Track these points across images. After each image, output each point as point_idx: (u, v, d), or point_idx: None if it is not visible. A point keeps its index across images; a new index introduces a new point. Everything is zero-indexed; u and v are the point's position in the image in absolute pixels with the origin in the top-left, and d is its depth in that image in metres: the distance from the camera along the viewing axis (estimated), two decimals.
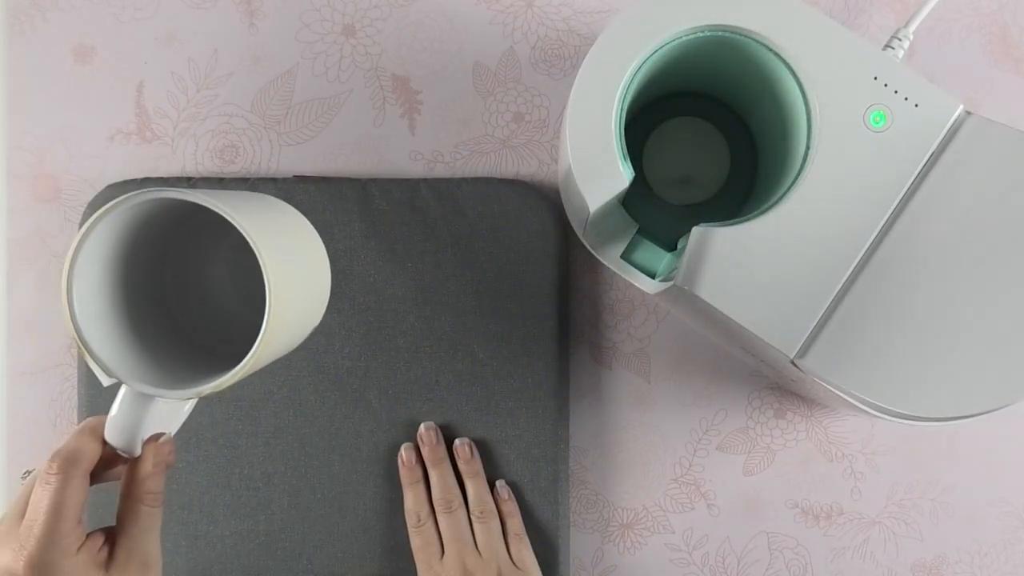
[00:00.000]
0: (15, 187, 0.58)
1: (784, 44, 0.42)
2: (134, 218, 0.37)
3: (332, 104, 0.58)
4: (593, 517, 0.58)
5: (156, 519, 0.39)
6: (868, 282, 0.41)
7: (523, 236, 0.56)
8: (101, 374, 0.36)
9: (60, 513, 0.36)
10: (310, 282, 0.42)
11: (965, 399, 0.40)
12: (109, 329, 0.37)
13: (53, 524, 0.35)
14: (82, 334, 0.36)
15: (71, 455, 0.37)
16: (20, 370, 0.58)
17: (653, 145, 0.54)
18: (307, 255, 0.42)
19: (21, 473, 0.40)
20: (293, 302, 0.39)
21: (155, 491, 0.39)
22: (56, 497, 0.36)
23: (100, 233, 0.36)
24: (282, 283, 0.37)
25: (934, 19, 0.57)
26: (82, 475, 0.37)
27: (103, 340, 0.36)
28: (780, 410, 0.58)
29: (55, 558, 0.35)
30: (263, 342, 0.36)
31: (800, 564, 0.58)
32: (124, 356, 0.37)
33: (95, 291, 0.37)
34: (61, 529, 0.36)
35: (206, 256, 0.45)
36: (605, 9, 0.57)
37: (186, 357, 0.40)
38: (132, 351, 0.38)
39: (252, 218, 0.37)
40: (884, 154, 0.42)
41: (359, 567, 0.56)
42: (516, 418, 0.56)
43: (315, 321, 0.44)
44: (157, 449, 0.39)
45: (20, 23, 0.58)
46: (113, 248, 0.37)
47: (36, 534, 0.35)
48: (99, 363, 0.36)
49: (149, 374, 0.37)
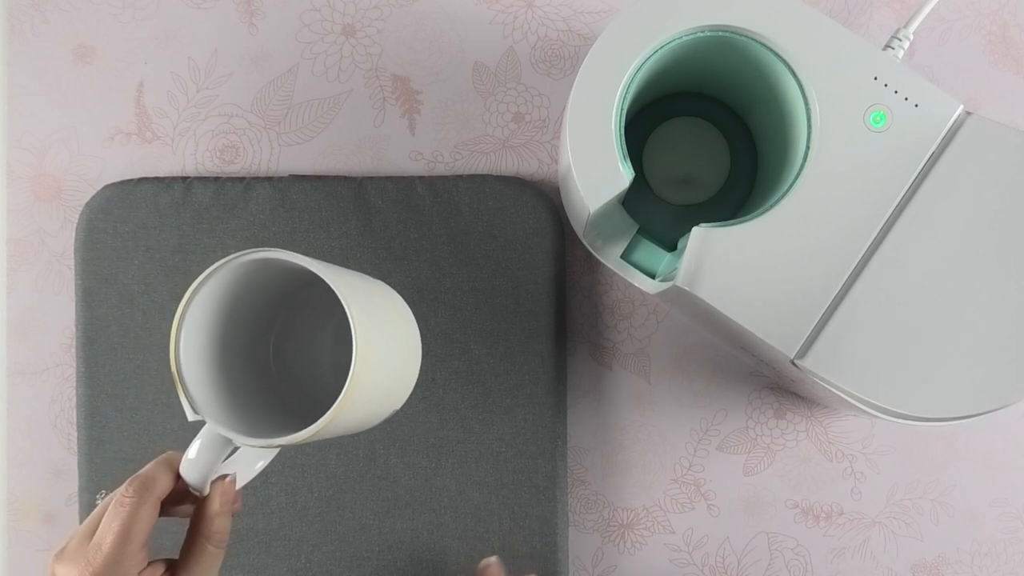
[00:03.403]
0: (15, 187, 0.58)
1: (784, 44, 0.42)
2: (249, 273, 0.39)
3: (332, 104, 0.58)
4: (593, 517, 0.58)
5: (217, 559, 0.40)
6: (868, 282, 0.41)
7: (520, 233, 0.56)
8: (189, 409, 0.38)
9: (129, 535, 0.37)
10: (398, 364, 0.43)
11: (965, 399, 0.40)
12: (204, 371, 0.39)
13: (121, 545, 0.37)
14: (180, 368, 0.38)
15: (147, 482, 0.38)
16: (20, 370, 0.58)
17: (653, 145, 0.54)
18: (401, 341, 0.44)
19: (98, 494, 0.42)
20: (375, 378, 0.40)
21: (220, 531, 0.40)
22: (127, 520, 0.37)
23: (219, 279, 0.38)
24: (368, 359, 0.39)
25: (934, 19, 0.57)
26: (154, 502, 0.38)
27: (196, 379, 0.38)
28: (780, 410, 0.58)
29: None
30: (337, 408, 0.38)
31: (800, 564, 0.58)
32: (211, 398, 0.39)
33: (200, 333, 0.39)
34: (127, 550, 0.37)
35: (314, 328, 0.47)
36: (605, 9, 0.57)
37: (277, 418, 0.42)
38: (220, 396, 0.39)
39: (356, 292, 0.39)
40: (884, 154, 0.42)
41: (357, 566, 0.56)
42: (513, 415, 0.56)
43: (397, 404, 0.45)
44: (224, 489, 0.40)
45: (20, 23, 0.58)
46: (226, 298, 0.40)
47: (104, 552, 0.37)
48: (189, 398, 0.38)
49: (232, 421, 0.39)
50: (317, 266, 0.38)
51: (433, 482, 0.56)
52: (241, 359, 0.43)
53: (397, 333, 0.44)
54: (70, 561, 0.38)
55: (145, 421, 0.56)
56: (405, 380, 0.46)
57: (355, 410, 0.40)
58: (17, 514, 0.58)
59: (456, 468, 0.56)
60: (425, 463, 0.56)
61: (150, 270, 0.56)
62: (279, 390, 0.46)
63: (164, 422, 0.56)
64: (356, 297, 0.39)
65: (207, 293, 0.39)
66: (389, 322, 0.43)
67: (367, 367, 0.39)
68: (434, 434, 0.56)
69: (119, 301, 0.56)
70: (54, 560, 0.38)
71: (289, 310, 0.47)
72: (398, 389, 0.45)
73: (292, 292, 0.45)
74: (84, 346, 0.56)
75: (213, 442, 0.38)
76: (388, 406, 0.45)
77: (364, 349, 0.38)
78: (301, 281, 0.41)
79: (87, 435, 0.56)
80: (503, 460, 0.56)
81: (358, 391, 0.39)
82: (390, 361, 0.43)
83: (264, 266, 0.40)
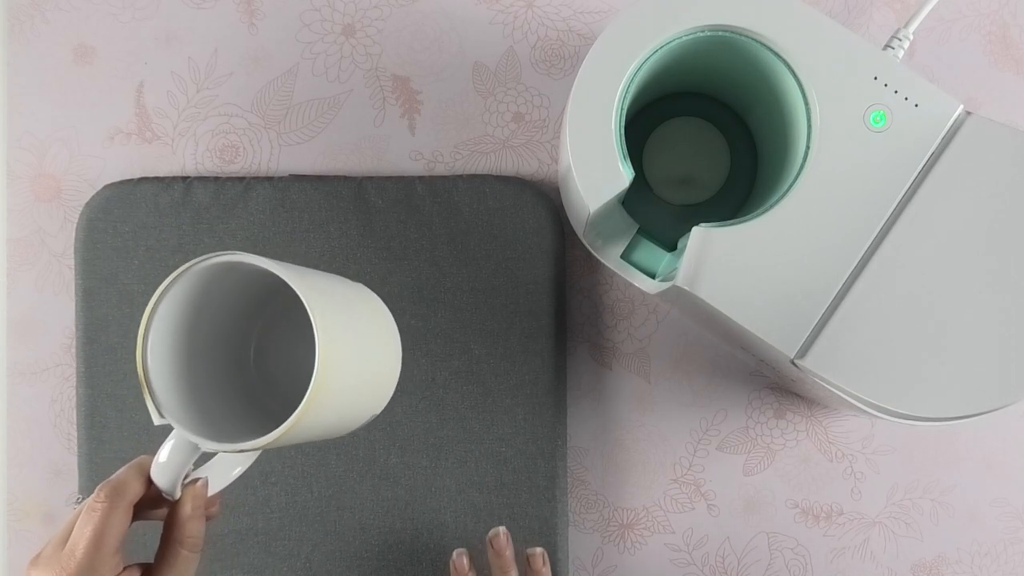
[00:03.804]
0: (15, 187, 0.58)
1: (784, 44, 0.42)
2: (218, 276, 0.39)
3: (332, 104, 0.58)
4: (593, 517, 0.58)
5: (192, 563, 0.40)
6: (868, 282, 0.41)
7: (520, 232, 0.56)
8: (154, 413, 0.38)
9: (101, 540, 0.37)
10: (371, 367, 0.43)
11: (965, 399, 0.40)
12: (172, 375, 0.39)
13: (94, 550, 0.37)
14: (147, 372, 0.37)
15: (118, 487, 0.38)
16: (20, 370, 0.58)
17: (653, 145, 0.54)
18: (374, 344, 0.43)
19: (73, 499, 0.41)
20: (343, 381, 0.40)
21: (194, 535, 0.40)
22: (99, 525, 0.37)
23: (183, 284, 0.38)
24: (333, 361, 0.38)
25: (934, 19, 0.57)
26: (126, 507, 0.38)
27: (164, 383, 0.38)
28: (780, 410, 0.58)
29: None
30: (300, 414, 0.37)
31: (800, 564, 0.58)
32: (178, 402, 0.38)
33: (167, 337, 0.39)
34: (100, 555, 0.37)
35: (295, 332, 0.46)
36: (605, 9, 0.57)
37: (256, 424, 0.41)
38: (189, 401, 0.39)
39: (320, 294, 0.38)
40: (884, 154, 0.42)
41: (357, 566, 0.56)
42: (513, 415, 0.56)
43: (375, 408, 0.45)
44: (195, 493, 0.40)
45: (20, 23, 0.58)
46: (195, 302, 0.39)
47: (77, 558, 0.37)
48: (155, 402, 0.38)
49: (199, 426, 0.38)
50: (279, 268, 0.37)
51: (433, 482, 0.56)
52: (216, 364, 0.42)
53: (370, 336, 0.43)
54: (45, 567, 0.38)
55: (145, 421, 0.56)
56: (381, 384, 0.45)
57: (322, 415, 0.39)
58: (17, 514, 0.58)
59: (456, 468, 0.56)
60: (425, 463, 0.56)
61: (150, 270, 0.56)
62: (260, 396, 0.45)
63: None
64: (320, 299, 0.38)
65: (173, 297, 0.38)
66: (361, 324, 0.42)
67: (332, 370, 0.38)
68: (434, 434, 0.56)
69: (119, 301, 0.56)
70: (29, 566, 0.38)
71: (269, 314, 0.46)
72: (373, 393, 0.44)
73: (270, 296, 0.44)
74: (84, 346, 0.56)
75: (182, 446, 0.38)
76: (364, 410, 0.44)
77: (328, 351, 0.37)
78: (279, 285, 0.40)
79: (87, 435, 0.56)
80: (503, 460, 0.56)
81: (323, 395, 0.38)
82: (361, 364, 0.42)
83: (234, 270, 0.39)
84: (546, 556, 0.52)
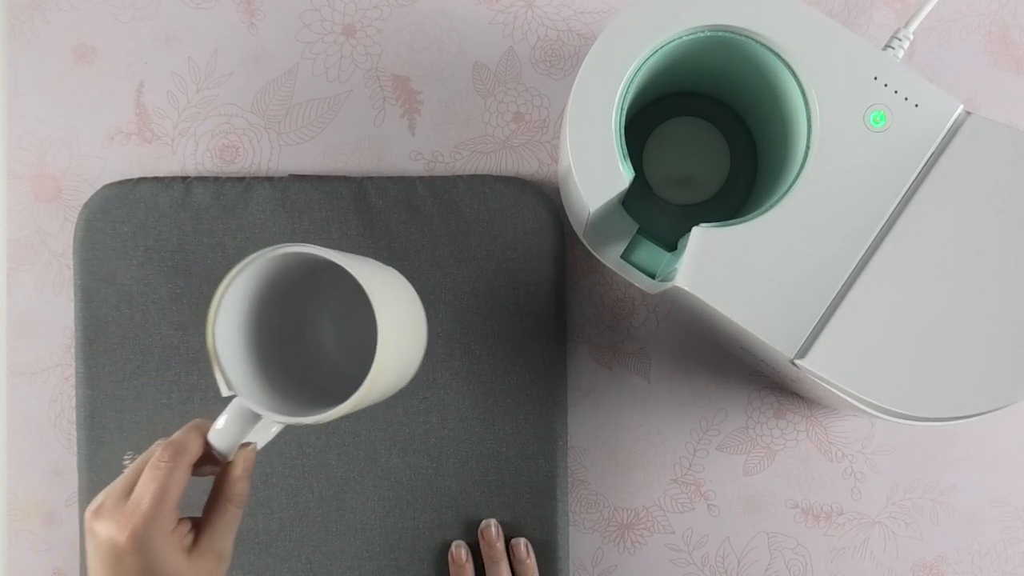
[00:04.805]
0: (15, 187, 0.58)
1: (784, 44, 0.42)
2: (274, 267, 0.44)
3: (332, 104, 0.58)
4: (593, 517, 0.58)
5: (237, 519, 0.43)
6: (868, 282, 0.41)
7: (520, 233, 0.56)
8: (223, 385, 0.42)
9: (165, 495, 0.40)
10: (410, 343, 0.47)
11: (965, 399, 0.40)
12: (236, 352, 0.43)
13: (158, 504, 0.40)
14: (216, 348, 0.42)
15: (180, 447, 0.41)
16: (20, 370, 0.58)
17: (653, 145, 0.54)
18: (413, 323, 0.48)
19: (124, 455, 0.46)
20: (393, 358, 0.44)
21: (241, 494, 0.43)
22: (164, 481, 0.40)
23: (249, 273, 0.42)
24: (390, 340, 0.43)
25: (934, 19, 0.57)
26: (186, 465, 0.41)
27: (230, 360, 0.43)
28: (780, 410, 0.58)
29: (154, 534, 0.40)
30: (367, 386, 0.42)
31: (800, 564, 0.58)
32: (242, 376, 0.43)
33: (233, 321, 0.43)
34: (163, 509, 0.40)
35: (319, 307, 0.52)
36: (605, 9, 0.57)
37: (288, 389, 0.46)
38: (248, 374, 0.44)
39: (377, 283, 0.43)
40: (884, 154, 0.42)
41: (358, 566, 0.56)
42: (514, 415, 0.56)
43: (407, 379, 0.49)
44: (246, 456, 0.43)
45: (20, 23, 0.58)
46: (253, 288, 0.44)
47: (143, 510, 0.40)
48: (224, 376, 0.42)
49: (262, 397, 0.43)
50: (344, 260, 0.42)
51: (434, 482, 0.56)
52: (265, 341, 0.46)
53: (410, 314, 0.48)
54: (109, 518, 0.40)
55: (145, 421, 0.56)
56: (418, 352, 0.49)
57: (379, 384, 0.43)
58: (17, 514, 0.58)
59: (457, 468, 0.56)
60: (426, 463, 0.56)
61: (149, 270, 0.56)
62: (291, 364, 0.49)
63: (164, 422, 0.56)
64: (377, 287, 0.43)
65: (239, 283, 0.42)
66: (403, 304, 0.47)
67: (389, 346, 0.43)
68: (435, 434, 0.56)
69: (118, 301, 0.56)
70: (92, 516, 0.41)
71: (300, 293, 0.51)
72: (411, 361, 0.48)
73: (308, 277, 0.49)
74: (84, 346, 0.56)
75: (242, 415, 0.42)
76: (405, 377, 0.49)
77: (385, 332, 0.42)
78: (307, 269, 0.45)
79: (87, 435, 0.56)
80: (503, 460, 0.56)
81: (382, 369, 0.43)
82: (405, 339, 0.47)
83: (289, 258, 0.43)
84: (529, 547, 0.55)
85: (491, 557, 0.55)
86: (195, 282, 0.56)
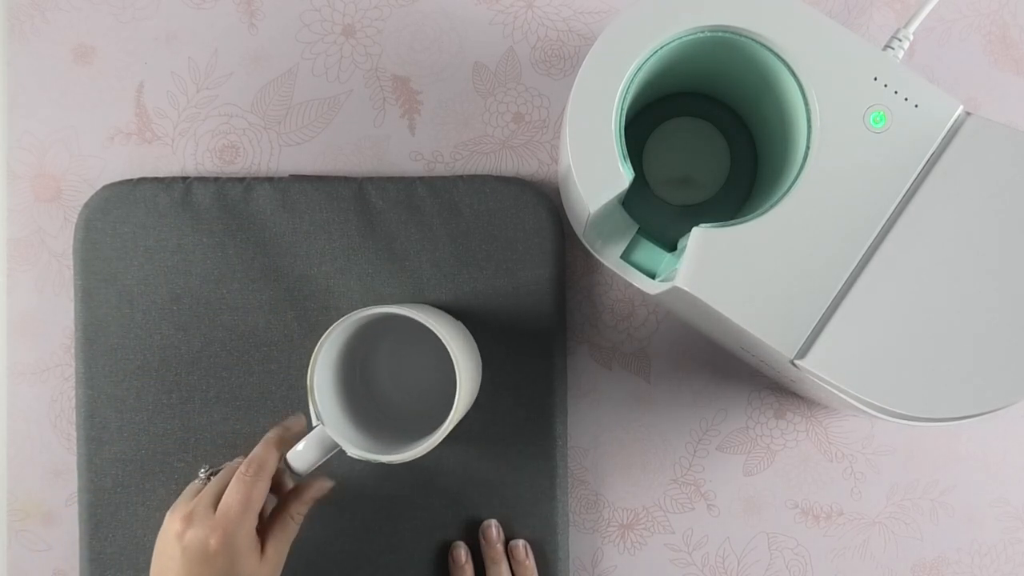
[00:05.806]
0: (15, 187, 0.58)
1: (784, 44, 0.42)
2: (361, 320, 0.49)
3: (332, 104, 0.58)
4: (593, 517, 0.58)
5: (294, 533, 0.50)
6: (868, 282, 0.41)
7: (520, 233, 0.56)
8: (315, 417, 0.48)
9: (250, 504, 0.47)
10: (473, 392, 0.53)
11: (965, 399, 0.40)
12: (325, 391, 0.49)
13: (244, 511, 0.46)
14: (313, 386, 0.48)
15: (263, 463, 0.48)
16: (20, 370, 0.58)
17: (653, 145, 0.54)
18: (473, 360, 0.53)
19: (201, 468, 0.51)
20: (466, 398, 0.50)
21: (303, 513, 0.50)
22: (249, 491, 0.47)
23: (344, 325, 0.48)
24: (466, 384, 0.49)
25: (934, 19, 0.57)
26: (267, 478, 0.48)
27: (322, 396, 0.49)
28: (780, 410, 0.58)
29: (240, 538, 0.46)
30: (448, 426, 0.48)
31: (800, 564, 0.58)
32: (330, 411, 0.49)
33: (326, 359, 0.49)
34: (248, 516, 0.47)
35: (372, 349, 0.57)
36: (605, 9, 0.57)
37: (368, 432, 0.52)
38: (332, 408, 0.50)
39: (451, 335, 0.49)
40: (884, 154, 0.42)
41: (358, 567, 0.56)
42: (514, 415, 0.56)
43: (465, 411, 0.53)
44: (321, 487, 0.51)
45: (20, 23, 0.58)
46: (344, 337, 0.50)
47: (231, 517, 0.46)
48: (316, 409, 0.48)
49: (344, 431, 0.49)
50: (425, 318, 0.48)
51: (434, 482, 0.56)
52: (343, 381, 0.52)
53: (473, 359, 0.53)
54: (200, 524, 0.46)
55: (145, 421, 0.56)
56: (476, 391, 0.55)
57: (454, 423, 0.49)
58: (17, 514, 0.58)
59: (456, 468, 0.56)
60: (426, 463, 0.56)
61: (149, 270, 0.56)
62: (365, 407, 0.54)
63: (164, 422, 0.56)
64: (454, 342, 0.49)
65: (340, 330, 0.48)
66: (467, 350, 0.52)
67: (464, 390, 0.49)
68: None
69: (118, 301, 0.56)
70: (183, 523, 0.46)
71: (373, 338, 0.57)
72: (472, 398, 0.53)
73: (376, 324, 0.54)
74: (84, 346, 0.56)
75: (323, 442, 0.48)
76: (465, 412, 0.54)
77: (463, 378, 0.48)
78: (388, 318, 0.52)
79: (87, 435, 0.56)
80: (503, 460, 0.56)
81: (459, 411, 0.49)
82: (474, 389, 0.53)
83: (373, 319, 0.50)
84: (528, 548, 0.56)
85: (491, 557, 0.55)
86: (195, 282, 0.56)
